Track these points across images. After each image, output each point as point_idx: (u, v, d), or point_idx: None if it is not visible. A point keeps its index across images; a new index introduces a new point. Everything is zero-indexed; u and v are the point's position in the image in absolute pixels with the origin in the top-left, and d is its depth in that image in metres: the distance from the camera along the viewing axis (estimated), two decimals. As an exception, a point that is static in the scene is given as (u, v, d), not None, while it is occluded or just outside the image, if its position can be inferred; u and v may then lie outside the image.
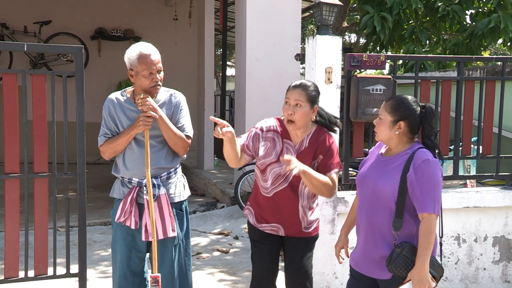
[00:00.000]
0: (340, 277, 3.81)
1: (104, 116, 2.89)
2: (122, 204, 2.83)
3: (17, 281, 3.09)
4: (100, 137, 2.89)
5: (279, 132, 2.86)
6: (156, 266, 2.80)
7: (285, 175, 2.79)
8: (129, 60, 2.81)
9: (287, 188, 2.83)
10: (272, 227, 2.91)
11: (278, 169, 2.81)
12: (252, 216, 2.98)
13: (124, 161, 2.88)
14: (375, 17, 7.72)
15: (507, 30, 7.57)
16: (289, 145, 2.83)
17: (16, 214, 3.06)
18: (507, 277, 4.17)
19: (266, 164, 2.84)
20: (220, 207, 6.84)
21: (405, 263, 2.33)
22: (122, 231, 2.89)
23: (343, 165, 3.92)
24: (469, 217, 4.06)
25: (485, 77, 5.46)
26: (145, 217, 2.83)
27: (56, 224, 3.22)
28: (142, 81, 2.79)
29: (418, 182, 2.34)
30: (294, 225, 2.88)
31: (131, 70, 2.81)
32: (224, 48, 10.92)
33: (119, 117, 2.87)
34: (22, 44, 3.06)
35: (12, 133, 3.03)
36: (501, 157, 4.24)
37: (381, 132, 2.50)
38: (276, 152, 2.83)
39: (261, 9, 6.41)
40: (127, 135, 2.82)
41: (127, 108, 2.87)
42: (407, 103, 2.47)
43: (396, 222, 2.38)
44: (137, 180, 2.86)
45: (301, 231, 2.90)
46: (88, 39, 10.75)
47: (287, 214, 2.86)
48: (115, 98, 2.91)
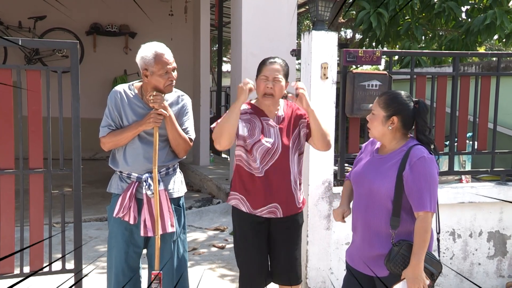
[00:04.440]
0: (335, 273, 3.82)
1: (109, 106, 2.87)
2: (121, 199, 2.82)
3: (12, 277, 3.08)
4: (103, 127, 2.86)
5: (254, 113, 2.96)
6: (159, 263, 2.79)
7: (272, 151, 2.87)
8: (143, 60, 2.80)
9: (278, 162, 2.87)
10: (269, 209, 2.90)
11: (264, 145, 2.87)
12: (244, 204, 2.95)
13: (124, 156, 2.86)
14: (371, 13, 7.72)
15: (503, 27, 7.59)
16: (267, 120, 2.93)
17: (11, 210, 3.05)
18: (502, 272, 4.19)
19: (251, 144, 2.88)
20: (216, 203, 6.84)
21: (403, 261, 2.33)
22: (120, 227, 2.88)
23: (338, 161, 3.94)
24: (464, 212, 4.08)
25: (480, 72, 5.47)
26: (144, 213, 2.82)
27: (52, 220, 3.21)
28: (157, 81, 2.79)
29: (414, 180, 2.34)
30: (289, 201, 2.91)
31: (146, 70, 2.80)
32: (219, 43, 10.89)
33: (125, 111, 2.85)
34: (16, 39, 3.04)
35: (7, 128, 3.02)
36: (496, 153, 4.25)
37: (374, 127, 2.49)
38: (259, 129, 2.91)
39: (257, 5, 6.39)
40: (133, 130, 2.81)
41: (134, 103, 2.87)
42: (400, 98, 2.47)
43: (393, 221, 2.38)
44: (137, 175, 2.85)
45: (295, 207, 2.95)
46: (83, 34, 10.69)
47: (282, 190, 2.88)
48: (123, 91, 2.88)
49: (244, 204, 2.95)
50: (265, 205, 2.89)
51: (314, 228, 3.75)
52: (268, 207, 2.90)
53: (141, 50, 2.83)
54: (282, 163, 2.88)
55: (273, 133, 2.90)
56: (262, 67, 2.93)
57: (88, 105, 8.98)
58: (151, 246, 2.92)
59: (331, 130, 2.92)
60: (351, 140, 3.96)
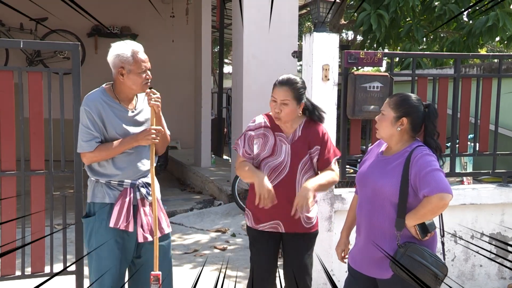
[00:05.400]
0: (337, 274, 3.81)
1: (89, 117, 2.65)
2: (119, 208, 2.67)
3: (14, 278, 3.08)
4: (88, 141, 2.65)
5: (269, 127, 2.91)
6: (157, 264, 2.74)
7: (280, 169, 2.84)
8: (119, 58, 2.67)
9: (284, 181, 2.85)
10: (271, 224, 2.90)
11: (272, 162, 2.85)
12: (250, 218, 2.97)
13: (114, 164, 2.71)
14: (372, 15, 7.72)
15: (505, 29, 7.58)
16: (282, 137, 2.89)
17: (12, 211, 3.05)
18: (503, 273, 4.18)
19: (260, 159, 2.87)
20: (217, 204, 6.84)
21: (409, 264, 2.31)
22: (113, 235, 2.69)
23: (340, 163, 3.93)
24: (465, 214, 4.07)
25: (481, 74, 5.47)
26: (140, 218, 2.73)
27: (53, 221, 3.21)
28: (134, 80, 2.68)
29: (420, 171, 2.31)
30: (293, 219, 2.86)
31: (122, 69, 2.66)
32: (221, 45, 10.90)
33: (111, 120, 2.69)
34: (18, 41, 3.05)
35: (9, 130, 3.02)
36: (497, 154, 4.25)
37: (383, 128, 2.48)
38: (270, 145, 2.87)
39: (258, 6, 6.40)
40: (127, 145, 2.68)
41: (115, 108, 2.71)
42: (411, 100, 2.46)
43: (398, 222, 2.37)
44: (130, 182, 2.72)
45: (300, 226, 2.90)
46: (84, 36, 10.72)
47: (285, 208, 2.85)
48: (100, 99, 2.70)
49: (250, 219, 2.97)
50: (267, 221, 2.90)
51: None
52: (270, 224, 2.90)
53: (115, 49, 2.69)
54: (289, 181, 2.86)
55: (284, 150, 2.87)
56: (274, 87, 2.86)
57: (89, 107, 8.97)
58: (145, 253, 2.79)
59: (332, 181, 2.92)
60: (352, 142, 3.95)
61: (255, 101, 6.42)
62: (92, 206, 2.73)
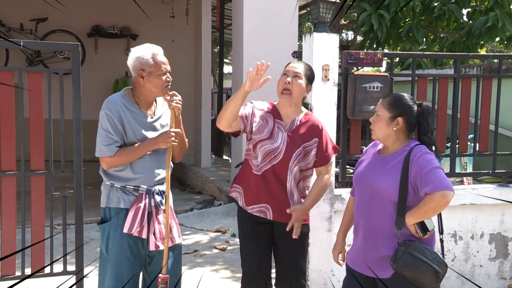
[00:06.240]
0: (337, 274, 3.81)
1: (110, 122, 2.60)
2: (134, 213, 2.62)
3: (13, 279, 3.08)
4: (108, 145, 2.60)
5: (271, 112, 2.96)
6: (166, 268, 2.69)
7: (275, 154, 2.86)
8: (139, 61, 2.64)
9: (277, 166, 2.86)
10: (260, 207, 2.90)
11: (268, 146, 2.86)
12: (241, 197, 2.96)
13: (132, 168, 2.66)
14: (373, 15, 7.72)
15: (505, 29, 7.58)
16: (280, 124, 2.92)
17: (12, 212, 3.05)
18: (503, 274, 4.18)
19: (256, 141, 2.89)
20: (217, 204, 6.84)
21: (411, 261, 2.32)
22: (129, 241, 2.65)
23: (340, 163, 3.93)
24: (465, 214, 4.07)
25: (481, 74, 5.47)
26: (153, 226, 2.69)
27: (53, 222, 3.21)
28: (155, 82, 2.65)
29: (421, 169, 2.31)
30: (282, 208, 2.85)
31: (143, 71, 2.64)
32: (221, 45, 10.90)
33: (131, 125, 2.65)
34: (18, 41, 3.05)
35: (9, 130, 3.02)
36: (497, 155, 4.25)
37: (378, 129, 2.49)
38: (269, 129, 2.90)
39: (258, 7, 6.40)
40: (147, 148, 2.65)
41: (136, 114, 2.68)
42: (405, 99, 2.48)
43: (398, 221, 2.37)
44: (146, 188, 2.68)
45: (290, 215, 2.84)
46: (84, 36, 10.72)
47: (275, 193, 2.87)
48: (121, 103, 2.66)
49: (241, 199, 2.96)
50: (256, 204, 2.90)
51: (315, 230, 3.74)
52: (259, 206, 2.90)
53: (134, 52, 2.68)
54: (281, 168, 2.87)
55: (280, 137, 2.89)
56: (287, 65, 2.97)
57: (89, 107, 8.93)
58: (154, 264, 2.76)
59: (324, 191, 3.02)
60: (352, 142, 3.96)
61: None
62: (108, 211, 2.69)
